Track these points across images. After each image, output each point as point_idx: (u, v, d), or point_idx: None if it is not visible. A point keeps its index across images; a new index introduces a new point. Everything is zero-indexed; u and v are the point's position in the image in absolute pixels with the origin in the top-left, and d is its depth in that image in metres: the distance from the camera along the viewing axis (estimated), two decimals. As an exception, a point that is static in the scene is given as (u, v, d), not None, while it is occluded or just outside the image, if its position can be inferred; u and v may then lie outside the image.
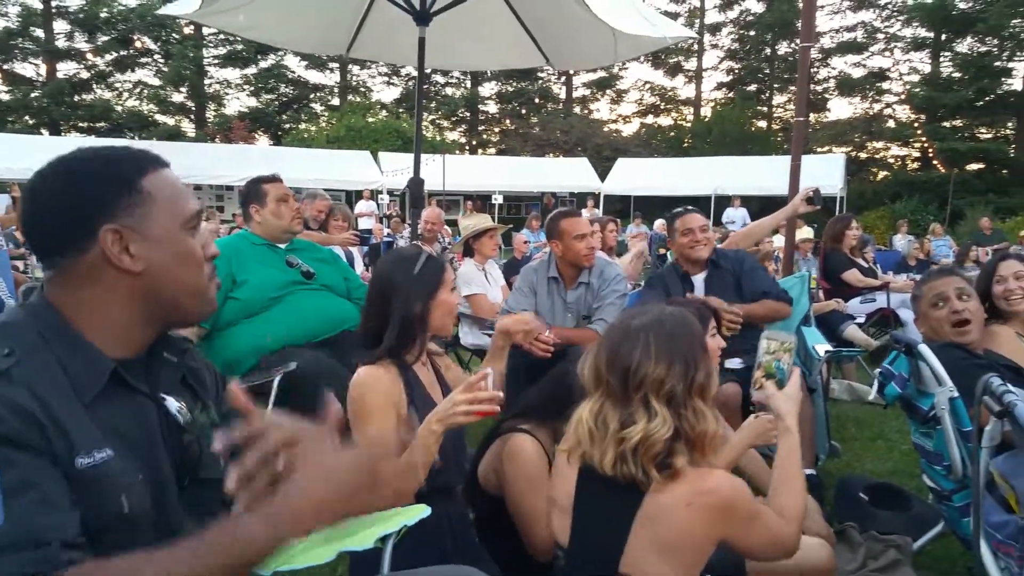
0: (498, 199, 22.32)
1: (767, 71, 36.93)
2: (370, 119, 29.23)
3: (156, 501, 1.09)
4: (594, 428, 1.57)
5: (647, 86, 39.07)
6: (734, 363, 3.49)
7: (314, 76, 36.37)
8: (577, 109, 37.71)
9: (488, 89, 38.35)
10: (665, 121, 38.71)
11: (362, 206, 18.20)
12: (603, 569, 1.57)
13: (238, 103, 35.99)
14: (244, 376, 3.09)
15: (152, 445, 1.12)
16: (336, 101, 36.24)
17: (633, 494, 1.54)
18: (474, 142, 37.99)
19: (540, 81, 37.33)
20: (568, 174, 25.09)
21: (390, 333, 2.08)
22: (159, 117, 33.13)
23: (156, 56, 33.30)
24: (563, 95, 38.42)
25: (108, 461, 1.02)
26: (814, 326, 4.12)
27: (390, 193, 21.04)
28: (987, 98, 28.89)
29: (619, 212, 20.44)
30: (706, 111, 36.73)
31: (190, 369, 1.28)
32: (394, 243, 7.05)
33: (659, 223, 17.32)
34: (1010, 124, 29.79)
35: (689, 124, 36.60)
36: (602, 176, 24.67)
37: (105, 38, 31.46)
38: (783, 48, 35.80)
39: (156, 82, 33.47)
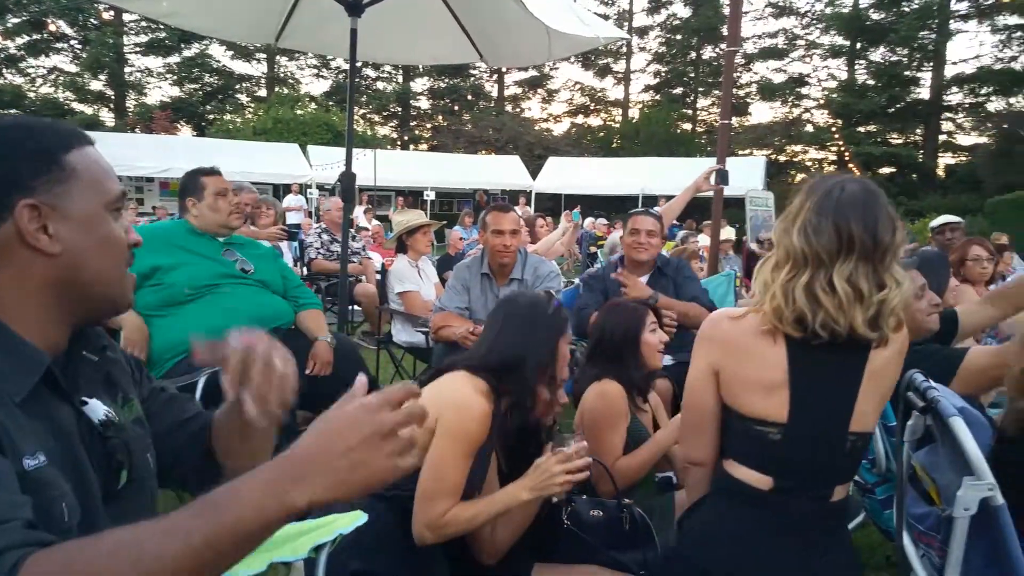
0: (430, 195, 22.19)
1: (692, 75, 37.78)
2: (299, 112, 28.58)
3: (85, 510, 0.99)
4: (850, 292, 1.60)
5: (577, 86, 39.52)
6: (666, 360, 3.54)
7: (240, 66, 35.46)
8: (509, 107, 37.81)
9: (420, 85, 38.10)
10: (595, 121, 39.26)
11: (290, 200, 17.81)
12: (833, 432, 1.66)
13: (160, 92, 34.71)
14: (167, 374, 2.95)
15: (73, 454, 1.02)
16: (263, 92, 35.35)
17: (860, 353, 1.64)
18: (406, 137, 37.64)
19: (472, 78, 37.27)
20: (500, 171, 25.14)
21: (524, 370, 2.04)
22: (76, 105, 31.56)
23: (73, 42, 31.79)
24: (495, 93, 38.47)
25: (44, 466, 0.93)
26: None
27: (320, 187, 20.62)
28: (898, 105, 30.33)
29: (550, 210, 20.60)
30: (634, 113, 37.37)
31: (113, 364, 1.19)
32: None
33: (589, 221, 17.47)
34: (918, 130, 31.32)
35: (618, 125, 37.16)
36: (533, 174, 24.87)
37: (16, 20, 29.83)
38: (708, 52, 36.71)
39: (73, 69, 31.97)
